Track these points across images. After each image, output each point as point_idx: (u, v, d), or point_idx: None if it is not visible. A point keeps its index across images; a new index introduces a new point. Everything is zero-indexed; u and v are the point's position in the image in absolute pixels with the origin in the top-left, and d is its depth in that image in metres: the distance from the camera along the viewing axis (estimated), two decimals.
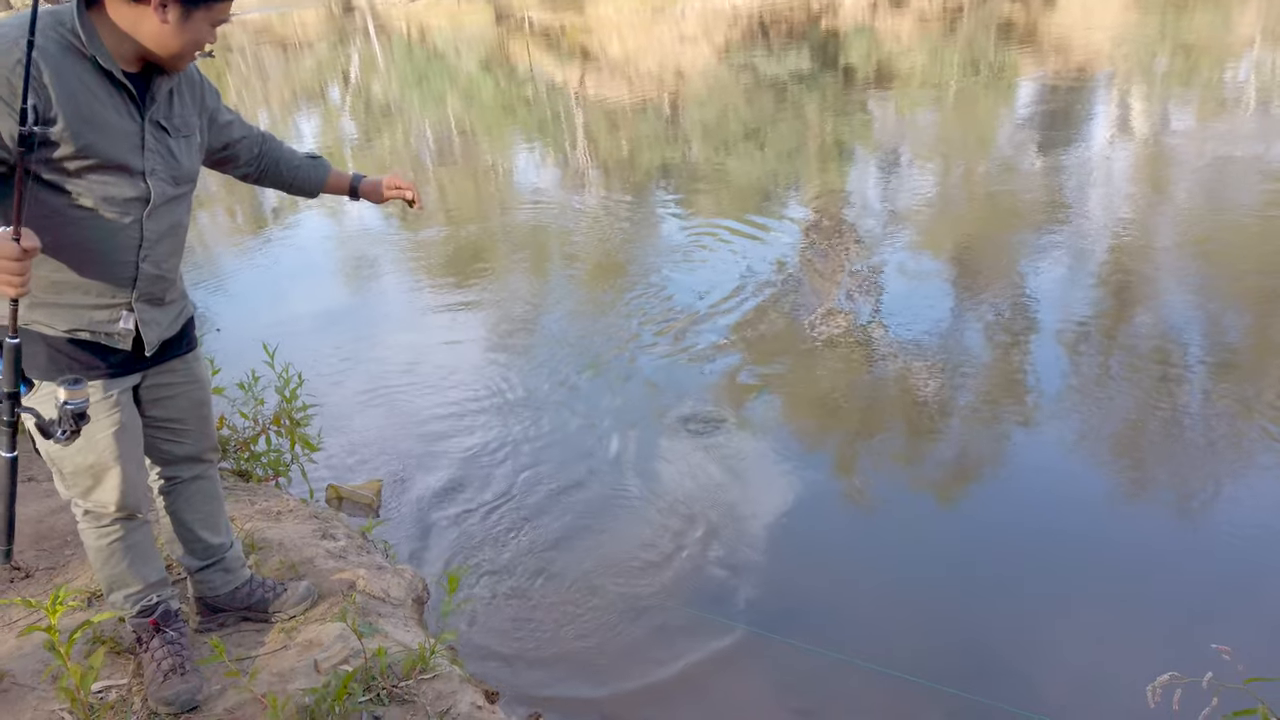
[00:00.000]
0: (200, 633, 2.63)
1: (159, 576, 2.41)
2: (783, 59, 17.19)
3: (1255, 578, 3.16)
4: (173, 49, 1.88)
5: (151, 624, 2.38)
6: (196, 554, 2.55)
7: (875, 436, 4.28)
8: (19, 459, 1.88)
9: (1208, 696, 1.61)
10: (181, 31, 1.85)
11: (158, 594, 2.41)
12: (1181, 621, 2.98)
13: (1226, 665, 1.61)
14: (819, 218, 7.63)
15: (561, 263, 7.19)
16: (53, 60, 1.78)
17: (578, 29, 25.24)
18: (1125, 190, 7.45)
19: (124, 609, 2.37)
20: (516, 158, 11.97)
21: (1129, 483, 3.81)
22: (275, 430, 3.88)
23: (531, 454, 4.36)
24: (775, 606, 3.24)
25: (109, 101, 1.88)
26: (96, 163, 1.88)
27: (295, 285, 7.34)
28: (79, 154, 1.85)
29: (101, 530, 2.26)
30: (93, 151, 1.87)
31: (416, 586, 3.08)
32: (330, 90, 21.14)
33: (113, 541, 2.28)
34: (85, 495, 2.19)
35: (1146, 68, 12.54)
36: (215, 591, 2.61)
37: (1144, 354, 4.73)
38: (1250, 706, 1.55)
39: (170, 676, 2.34)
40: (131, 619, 2.39)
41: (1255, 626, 2.94)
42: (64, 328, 2.00)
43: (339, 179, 2.64)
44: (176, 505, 2.48)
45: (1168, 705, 1.62)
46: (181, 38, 1.86)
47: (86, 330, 2.02)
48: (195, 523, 2.51)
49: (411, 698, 2.36)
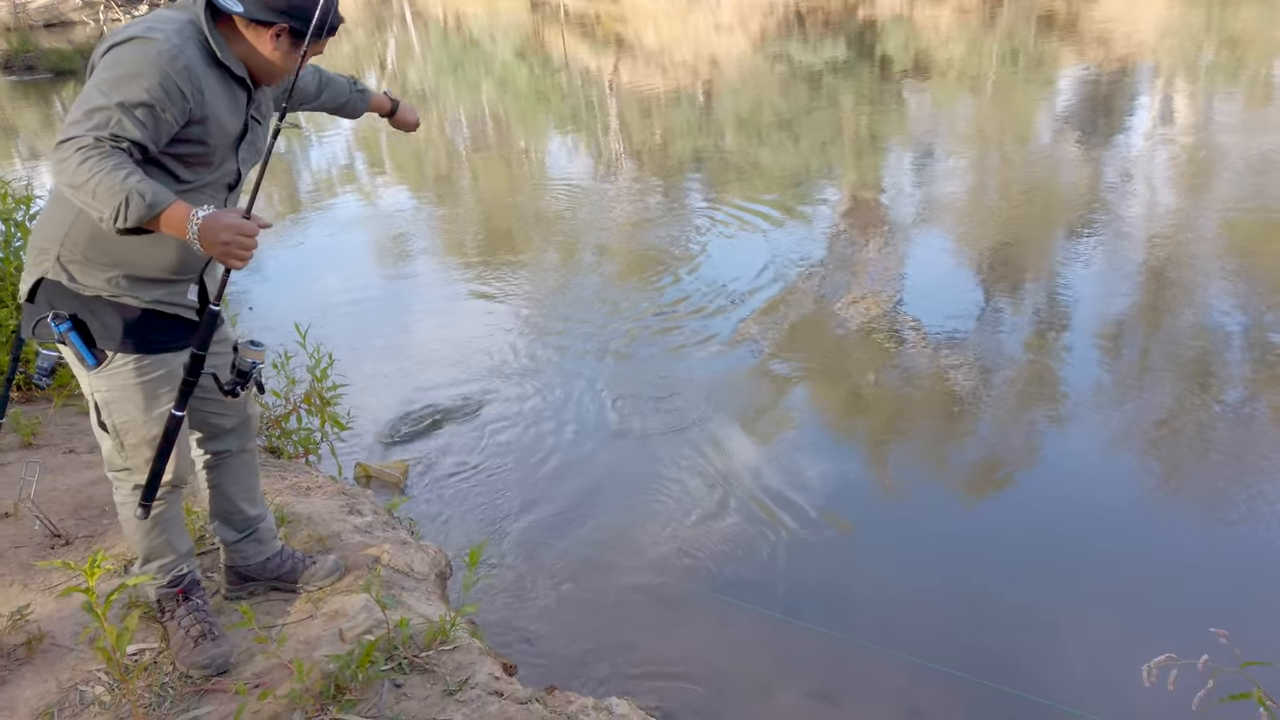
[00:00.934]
0: (230, 600, 2.71)
1: (189, 546, 2.50)
2: (818, 49, 17.08)
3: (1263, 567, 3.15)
4: (275, 72, 2.14)
5: (179, 593, 2.46)
6: (234, 525, 2.63)
7: (900, 425, 4.29)
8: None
9: (1203, 679, 1.62)
10: (286, 59, 2.10)
11: (187, 564, 2.49)
12: (1197, 613, 2.97)
13: (1224, 649, 1.62)
14: (852, 208, 7.61)
15: (592, 248, 7.24)
16: (201, 67, 1.97)
17: (612, 17, 25.22)
18: (1166, 185, 7.35)
19: (157, 578, 2.45)
20: (549, 145, 12.02)
21: (1156, 477, 3.79)
22: (306, 409, 3.96)
23: (558, 438, 4.41)
24: (791, 591, 3.27)
25: (233, 105, 2.09)
26: (213, 156, 2.09)
27: (327, 265, 7.45)
28: (205, 148, 2.05)
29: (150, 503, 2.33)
30: (216, 147, 2.08)
31: (439, 562, 3.15)
32: (367, 77, 21.31)
33: (158, 513, 2.35)
34: (145, 467, 2.25)
35: (1191, 61, 12.32)
36: (248, 561, 2.69)
37: (1180, 352, 4.69)
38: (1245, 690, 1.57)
39: (201, 642, 2.42)
40: (161, 589, 2.47)
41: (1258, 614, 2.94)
42: (148, 299, 2.13)
43: (380, 101, 2.85)
44: (222, 479, 2.56)
45: (1172, 689, 1.63)
46: (285, 64, 2.11)
47: (168, 303, 2.16)
48: (237, 495, 2.60)
49: (432, 667, 2.43)
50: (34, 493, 3.12)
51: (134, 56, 1.87)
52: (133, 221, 1.85)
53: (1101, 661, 2.83)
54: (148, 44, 1.88)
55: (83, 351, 2.09)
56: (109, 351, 2.11)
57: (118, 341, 2.11)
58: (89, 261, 2.05)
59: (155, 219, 1.87)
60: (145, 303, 2.12)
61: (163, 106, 1.89)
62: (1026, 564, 3.33)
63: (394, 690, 2.34)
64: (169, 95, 1.89)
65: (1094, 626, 2.99)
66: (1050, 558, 3.34)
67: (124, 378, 2.14)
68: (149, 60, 1.87)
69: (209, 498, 2.59)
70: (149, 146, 1.91)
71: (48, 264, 2.06)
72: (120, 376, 2.14)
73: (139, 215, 1.84)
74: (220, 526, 2.64)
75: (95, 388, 2.17)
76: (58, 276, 2.05)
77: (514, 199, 9.24)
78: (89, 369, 2.12)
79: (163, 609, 2.48)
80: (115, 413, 2.18)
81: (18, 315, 3.85)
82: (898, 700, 2.78)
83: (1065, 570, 3.27)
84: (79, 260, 2.04)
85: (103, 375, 2.13)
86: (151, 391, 2.18)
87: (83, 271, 2.05)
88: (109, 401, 2.17)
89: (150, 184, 1.86)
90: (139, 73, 1.86)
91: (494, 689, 2.36)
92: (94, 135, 1.82)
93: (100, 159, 1.81)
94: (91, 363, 2.10)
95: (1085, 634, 2.96)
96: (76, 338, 2.07)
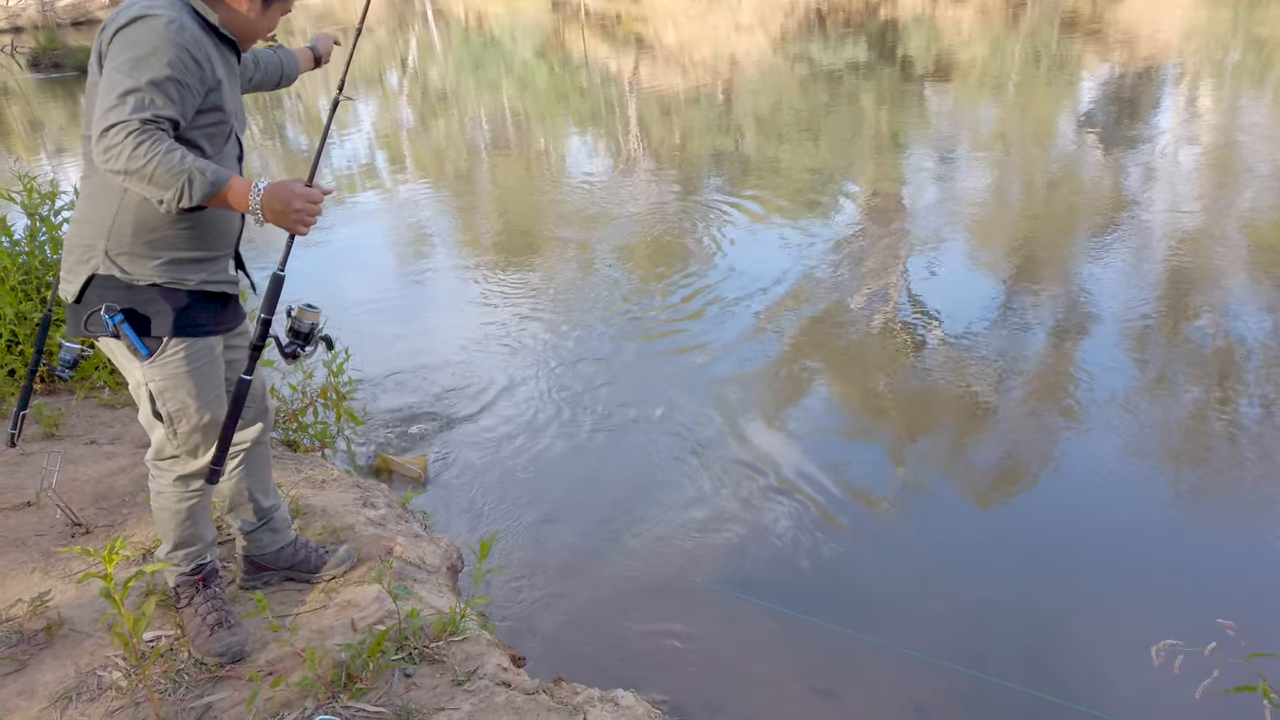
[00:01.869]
0: (245, 589, 2.76)
1: (213, 535, 2.57)
2: (839, 49, 17.03)
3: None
4: (252, 32, 2.19)
5: (199, 580, 2.51)
6: (250, 515, 2.68)
7: (913, 423, 4.29)
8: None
9: (1209, 668, 1.63)
10: (261, 19, 2.16)
11: (210, 553, 2.55)
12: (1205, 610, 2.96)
13: (1230, 641, 1.63)
14: (871, 209, 7.60)
15: (610, 246, 7.26)
16: (200, 34, 2.01)
17: (633, 17, 25.24)
18: (1190, 188, 7.29)
19: (180, 565, 2.50)
20: (569, 144, 12.06)
21: (1167, 475, 3.77)
22: (322, 403, 4.01)
23: (571, 433, 4.44)
24: (799, 586, 3.29)
25: (230, 70, 2.17)
26: (229, 123, 2.16)
27: (345, 260, 7.51)
28: (223, 114, 2.12)
29: (188, 492, 2.39)
30: (231, 112, 2.15)
31: (451, 555, 3.18)
32: (388, 75, 21.44)
33: (193, 504, 2.41)
34: (194, 454, 2.32)
35: (1216, 62, 12.20)
36: (263, 550, 2.74)
37: (1201, 354, 4.66)
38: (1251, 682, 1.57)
39: (217, 630, 2.46)
40: (182, 575, 2.52)
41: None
42: (195, 281, 2.18)
43: (306, 58, 2.81)
44: (238, 471, 2.60)
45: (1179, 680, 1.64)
46: (261, 24, 2.18)
47: (213, 281, 2.23)
48: (253, 486, 2.64)
49: (441, 658, 2.46)
50: (55, 482, 3.18)
51: (146, 35, 1.91)
52: (197, 200, 1.90)
53: (1109, 658, 2.83)
54: (154, 20, 1.91)
55: (136, 343, 2.13)
56: (162, 339, 2.16)
57: (170, 328, 2.16)
58: (136, 254, 2.09)
59: (218, 195, 1.93)
60: (193, 285, 2.18)
61: (185, 78, 1.94)
62: (1033, 560, 3.33)
63: (404, 680, 2.37)
64: (188, 66, 1.94)
65: (1101, 623, 2.98)
66: (1058, 554, 3.34)
67: (176, 365, 2.20)
68: (160, 36, 1.90)
69: (228, 488, 2.63)
70: (180, 121, 1.95)
71: (96, 260, 2.09)
72: (173, 364, 2.19)
73: (203, 193, 1.90)
74: (236, 517, 2.69)
75: (149, 378, 2.21)
76: (110, 271, 2.09)
77: (532, 198, 9.28)
78: (143, 359, 2.16)
79: (180, 596, 2.52)
80: (169, 400, 2.23)
81: (42, 309, 3.92)
82: (904, 696, 2.78)
83: (1072, 566, 3.27)
84: (127, 253, 2.08)
85: (156, 365, 2.18)
86: (202, 377, 2.24)
87: (132, 263, 2.09)
88: (163, 390, 2.22)
89: (206, 162, 1.92)
90: (156, 49, 1.89)
91: (502, 679, 2.39)
92: (138, 118, 1.85)
93: (153, 142, 1.85)
94: (145, 353, 2.15)
95: (1092, 630, 2.95)
96: (130, 329, 2.12)
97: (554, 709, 2.32)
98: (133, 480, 3.40)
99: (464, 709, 2.28)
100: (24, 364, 3.94)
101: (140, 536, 3.03)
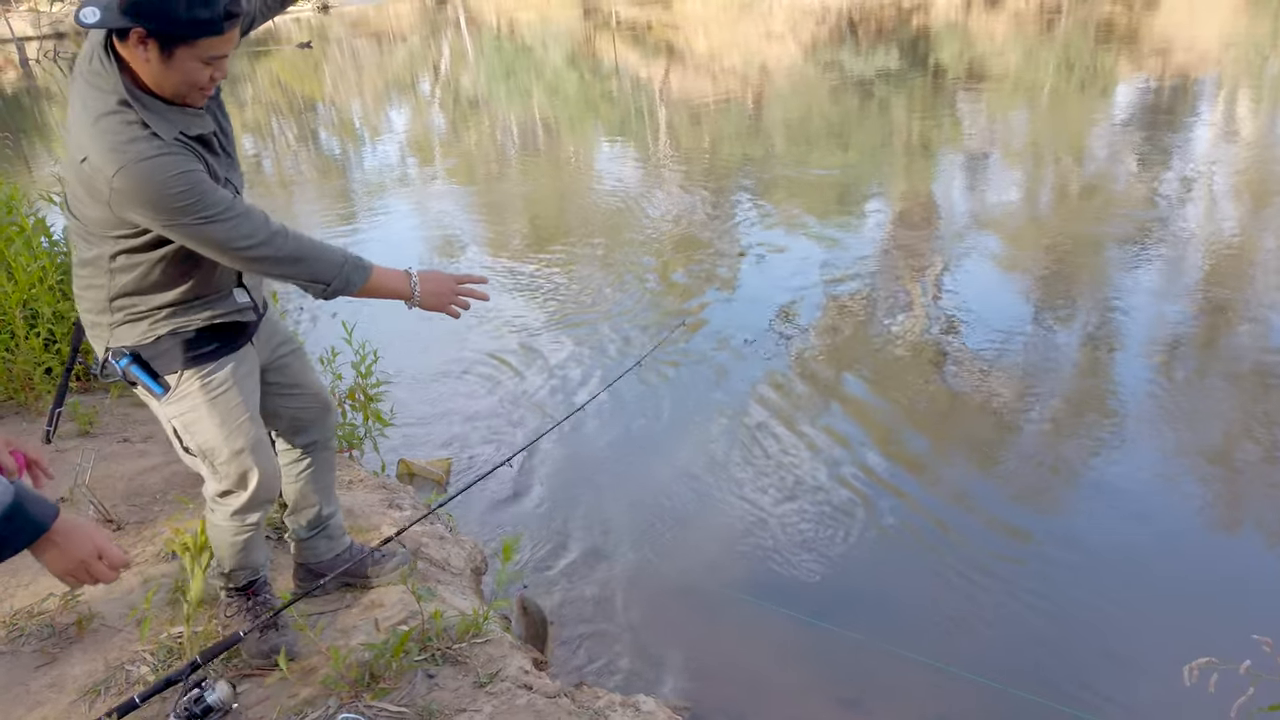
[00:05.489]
0: (302, 596, 2.74)
1: (266, 557, 2.54)
2: (870, 57, 16.96)
3: None
4: (165, 88, 1.82)
5: (250, 593, 2.51)
6: (308, 522, 2.65)
7: (941, 434, 4.24)
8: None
9: (1244, 686, 1.59)
10: (167, 70, 1.79)
11: (263, 569, 2.53)
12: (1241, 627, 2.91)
13: (1267, 658, 1.59)
14: (901, 218, 7.55)
15: (637, 251, 7.26)
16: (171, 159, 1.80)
17: (664, 24, 25.31)
18: (1226, 201, 7.17)
19: (234, 582, 2.49)
20: (598, 151, 12.10)
21: (1201, 489, 3.71)
22: (350, 404, 4.04)
23: (596, 439, 4.44)
24: (823, 595, 3.26)
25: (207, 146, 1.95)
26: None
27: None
28: None
29: (244, 526, 2.35)
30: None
31: (476, 557, 3.19)
32: (421, 82, 21.64)
33: (250, 536, 2.38)
34: (244, 484, 2.25)
35: (1256, 72, 12.00)
36: (319, 557, 2.70)
37: (1237, 369, 4.58)
38: None
39: (267, 631, 2.48)
40: (234, 589, 2.50)
41: None
42: (202, 319, 2.10)
43: None
44: (308, 474, 2.56)
45: (1213, 699, 1.60)
46: (170, 76, 1.80)
47: (221, 315, 2.13)
48: (317, 491, 2.60)
49: (464, 659, 2.46)
50: (89, 479, 3.23)
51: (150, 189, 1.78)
52: (351, 291, 2.04)
53: (1140, 673, 2.78)
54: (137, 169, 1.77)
55: (149, 383, 2.08)
56: (171, 376, 2.10)
57: (181, 363, 2.09)
58: (136, 319, 2.04)
59: (370, 285, 2.07)
60: (200, 324, 2.10)
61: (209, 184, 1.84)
62: (1064, 573, 3.27)
63: (426, 680, 2.38)
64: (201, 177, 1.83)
65: (1132, 637, 2.93)
66: (1089, 567, 3.28)
67: (194, 399, 2.13)
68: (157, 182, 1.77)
69: (291, 492, 2.59)
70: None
71: (104, 335, 2.07)
72: (190, 399, 2.12)
73: (359, 282, 2.05)
74: (295, 522, 2.66)
75: (170, 415, 2.16)
76: (119, 344, 2.06)
77: (560, 203, 9.32)
78: (158, 398, 2.12)
79: (229, 605, 2.53)
80: (195, 435, 2.17)
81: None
82: (929, 708, 2.75)
83: (1104, 579, 3.21)
84: (127, 322, 2.04)
85: (173, 402, 2.13)
86: (225, 406, 2.16)
87: (132, 330, 2.05)
88: (188, 425, 2.16)
89: (347, 253, 2.03)
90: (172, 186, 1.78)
91: (524, 682, 2.39)
92: (268, 232, 1.90)
93: (287, 238, 1.93)
94: (159, 391, 2.09)
95: (1123, 645, 2.90)
96: (139, 371, 2.07)
97: (575, 713, 2.32)
98: (164, 478, 3.44)
99: (485, 711, 2.28)
100: (60, 362, 4.01)
101: (171, 533, 3.06)
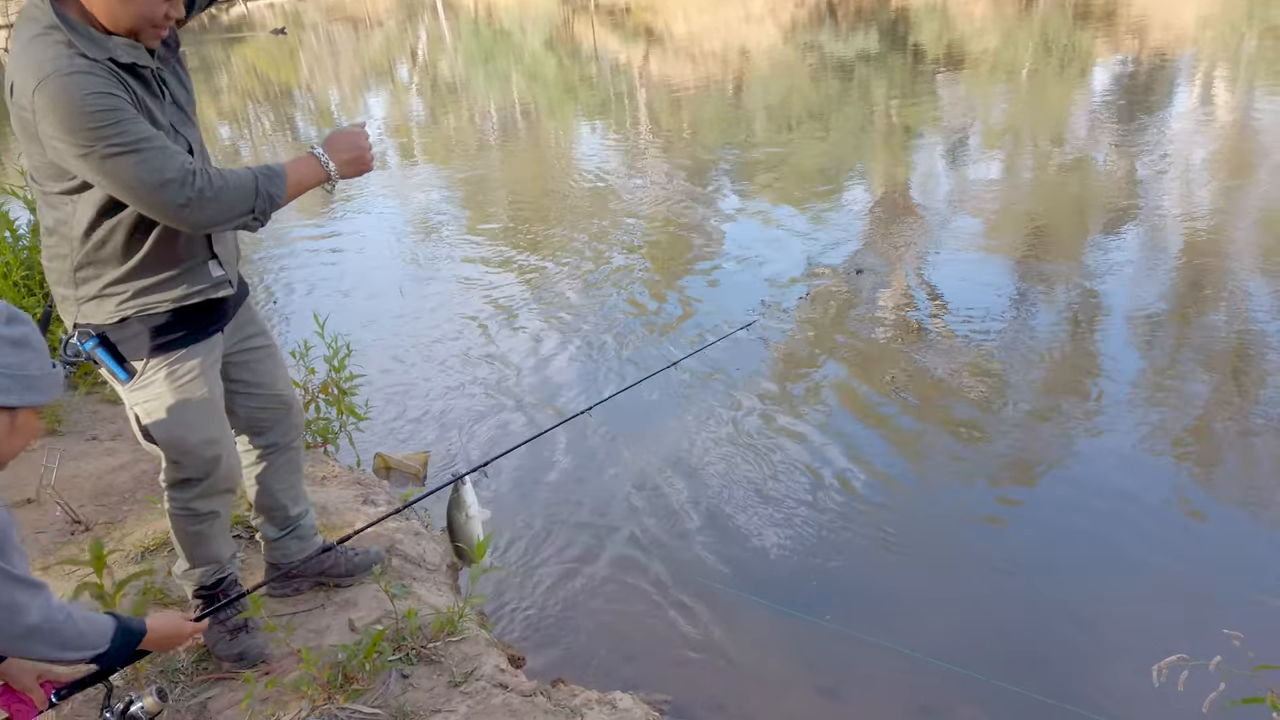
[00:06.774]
0: (273, 597, 2.69)
1: (233, 550, 2.47)
2: (850, 40, 16.92)
3: None
4: (121, 20, 1.80)
5: (218, 593, 2.42)
6: (276, 523, 2.59)
7: (922, 420, 4.23)
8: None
9: (1215, 681, 1.58)
10: (123, 3, 1.77)
11: (230, 566, 2.46)
12: (1214, 618, 2.92)
13: (1237, 652, 1.58)
14: (882, 201, 7.53)
15: (618, 239, 7.21)
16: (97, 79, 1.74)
17: (642, 8, 25.15)
18: (1204, 179, 7.18)
19: (201, 580, 2.40)
20: (578, 136, 12.02)
21: (1178, 479, 3.71)
22: (324, 399, 3.99)
23: (574, 432, 4.40)
24: (802, 586, 3.25)
25: (148, 87, 1.89)
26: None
27: (348, 256, 7.50)
28: None
29: (204, 516, 2.28)
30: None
31: (451, 553, 3.15)
32: (399, 67, 21.44)
33: (211, 526, 2.31)
34: (199, 472, 2.18)
35: (1232, 51, 12.04)
36: (290, 558, 2.64)
37: (1214, 350, 4.58)
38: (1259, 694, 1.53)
39: (238, 634, 2.44)
40: (201, 588, 2.42)
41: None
42: (173, 299, 2.02)
43: None
44: (268, 475, 2.51)
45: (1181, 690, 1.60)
46: (127, 8, 1.78)
47: (195, 293, 2.05)
48: (281, 492, 2.55)
49: (439, 658, 2.43)
50: (55, 479, 3.18)
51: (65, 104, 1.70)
52: (280, 201, 1.92)
53: (1115, 663, 2.78)
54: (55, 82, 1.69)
55: (113, 367, 2.02)
56: (138, 363, 2.03)
57: (147, 349, 2.02)
58: (103, 297, 1.97)
59: (290, 183, 1.94)
60: (171, 304, 2.02)
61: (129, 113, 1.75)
62: (1041, 564, 3.27)
63: (401, 680, 2.35)
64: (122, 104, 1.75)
65: (1107, 628, 2.93)
66: (1066, 558, 3.28)
67: (159, 386, 2.06)
68: (73, 98, 1.70)
69: (253, 494, 2.55)
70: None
71: (72, 311, 2.01)
72: (155, 385, 2.05)
73: (280, 189, 1.91)
74: (263, 523, 2.60)
75: (133, 401, 2.09)
76: (87, 320, 2.00)
77: (540, 190, 9.24)
78: (122, 384, 2.06)
79: (197, 605, 2.47)
80: (157, 426, 2.09)
81: (44, 304, 3.91)
82: (908, 697, 2.74)
83: (1080, 571, 3.21)
84: (94, 298, 1.97)
85: (138, 389, 2.06)
86: (190, 395, 2.09)
87: (99, 308, 1.97)
88: (150, 414, 2.09)
89: (255, 167, 1.90)
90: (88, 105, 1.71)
91: (499, 681, 2.36)
92: (181, 172, 1.77)
93: (209, 180, 1.81)
94: (124, 377, 2.03)
95: (1099, 635, 2.90)
96: (105, 354, 2.00)
97: (551, 711, 2.29)
98: (133, 477, 3.39)
99: (460, 710, 2.25)
100: None
101: (140, 534, 3.01)
